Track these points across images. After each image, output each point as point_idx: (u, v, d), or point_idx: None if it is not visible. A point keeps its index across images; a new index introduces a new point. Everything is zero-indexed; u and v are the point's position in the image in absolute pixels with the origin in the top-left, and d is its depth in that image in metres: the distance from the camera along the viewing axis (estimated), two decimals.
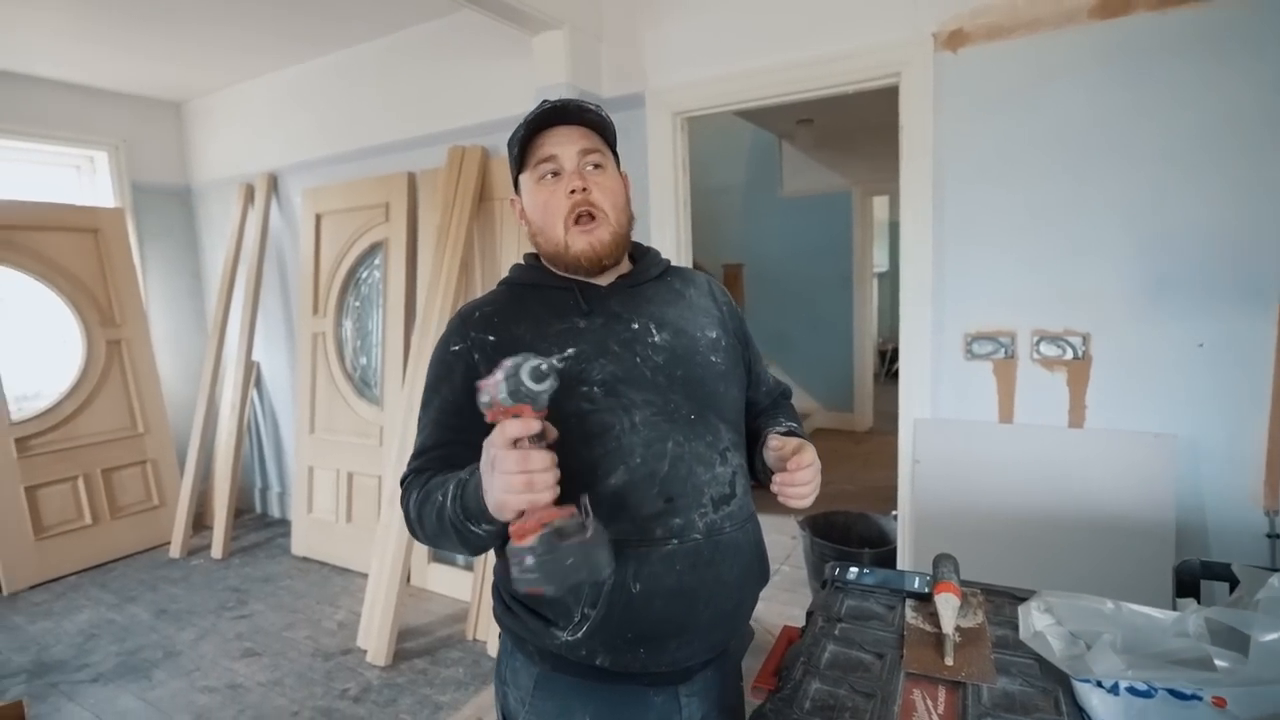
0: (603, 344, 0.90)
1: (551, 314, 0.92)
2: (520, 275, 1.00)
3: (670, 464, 0.87)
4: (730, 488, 0.93)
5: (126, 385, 3.61)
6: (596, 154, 0.93)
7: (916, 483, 2.04)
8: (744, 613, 0.98)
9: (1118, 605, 0.80)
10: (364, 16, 2.85)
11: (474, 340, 0.91)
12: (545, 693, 0.91)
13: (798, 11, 2.11)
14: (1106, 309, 1.79)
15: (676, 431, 0.89)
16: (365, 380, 3.34)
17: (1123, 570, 1.69)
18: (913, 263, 2.03)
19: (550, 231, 0.92)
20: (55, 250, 3.38)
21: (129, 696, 2.30)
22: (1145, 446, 1.73)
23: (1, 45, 3.00)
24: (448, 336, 0.94)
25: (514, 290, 0.98)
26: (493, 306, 0.95)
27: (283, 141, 3.58)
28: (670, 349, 0.92)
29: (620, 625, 0.85)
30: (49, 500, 3.28)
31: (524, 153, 0.94)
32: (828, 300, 5.53)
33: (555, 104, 0.91)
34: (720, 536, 0.90)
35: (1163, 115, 1.69)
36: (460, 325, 0.94)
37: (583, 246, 0.91)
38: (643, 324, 0.93)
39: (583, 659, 0.87)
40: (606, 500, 0.84)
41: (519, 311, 0.93)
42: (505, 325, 0.92)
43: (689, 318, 0.98)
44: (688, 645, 0.89)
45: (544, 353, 0.83)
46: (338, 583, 3.14)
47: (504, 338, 0.91)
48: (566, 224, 0.90)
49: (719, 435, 0.93)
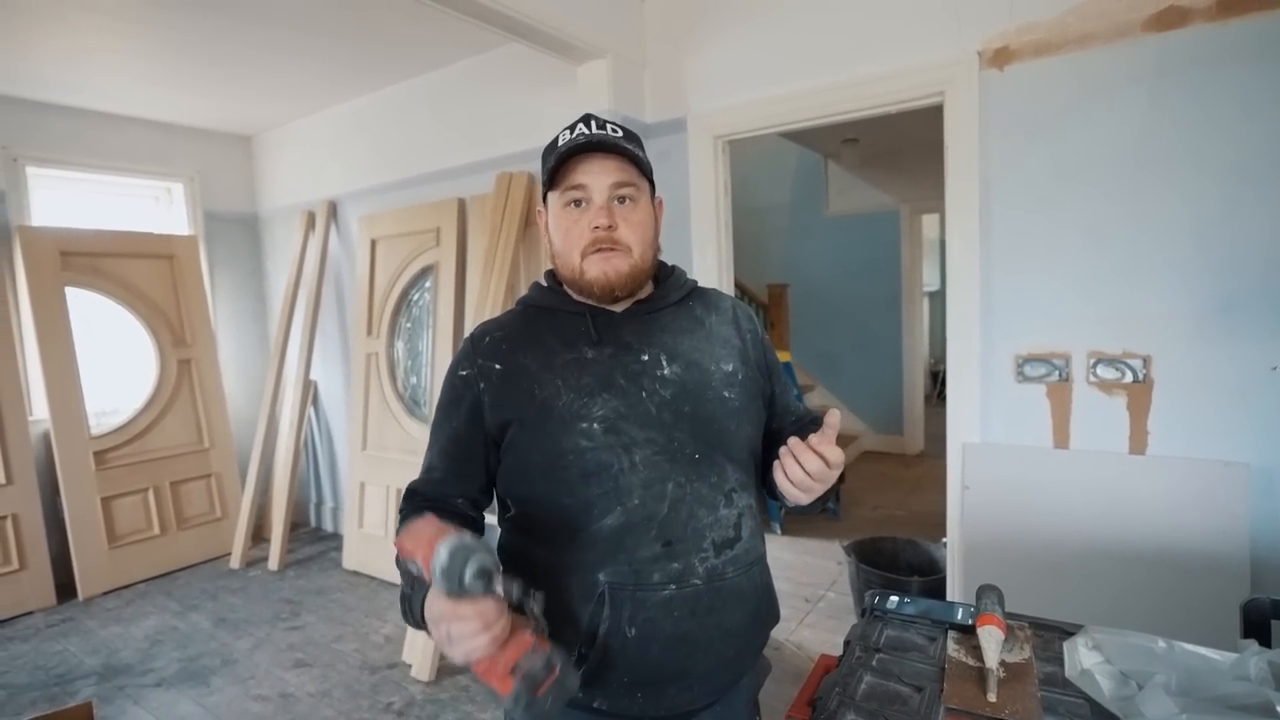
0: (609, 377, 0.87)
1: (560, 342, 0.91)
2: (536, 297, 0.98)
3: (670, 506, 0.84)
4: (735, 530, 0.89)
5: (195, 402, 3.82)
6: (629, 187, 0.90)
7: (966, 510, 1.98)
8: (748, 656, 0.95)
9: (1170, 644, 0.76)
10: (418, 52, 2.99)
11: (480, 368, 0.91)
12: None
13: (839, 33, 2.11)
14: (1169, 330, 1.71)
15: (678, 472, 0.85)
16: (415, 399, 3.44)
17: (1189, 608, 1.59)
18: (960, 283, 1.98)
19: (568, 256, 0.90)
20: (135, 275, 3.62)
21: (188, 702, 2.40)
22: (1214, 475, 1.64)
23: (91, 88, 3.26)
24: (459, 360, 0.94)
25: (528, 313, 0.97)
26: (503, 331, 0.94)
27: (342, 170, 3.76)
28: (680, 383, 0.89)
29: (617, 670, 0.83)
30: (122, 511, 3.47)
31: (555, 171, 0.91)
32: (876, 320, 5.43)
33: (591, 136, 0.88)
34: (722, 582, 0.86)
35: (1231, 127, 1.61)
36: (470, 350, 0.93)
37: (597, 274, 0.88)
38: (653, 355, 0.90)
39: (580, 701, 0.85)
40: (602, 541, 0.83)
41: (529, 338, 0.92)
42: (513, 353, 0.91)
43: (704, 349, 0.94)
44: (688, 691, 0.87)
45: (549, 386, 0.87)
46: (386, 596, 3.22)
47: (510, 366, 0.90)
48: (584, 252, 0.88)
49: (725, 475, 0.89)
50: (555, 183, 0.91)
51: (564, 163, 0.89)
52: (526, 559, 0.89)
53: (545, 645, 0.72)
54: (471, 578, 0.68)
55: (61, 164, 3.51)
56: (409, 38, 2.83)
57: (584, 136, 0.88)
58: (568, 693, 0.72)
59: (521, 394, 0.88)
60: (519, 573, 0.87)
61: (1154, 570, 1.67)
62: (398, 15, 2.59)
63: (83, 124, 3.54)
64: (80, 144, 3.55)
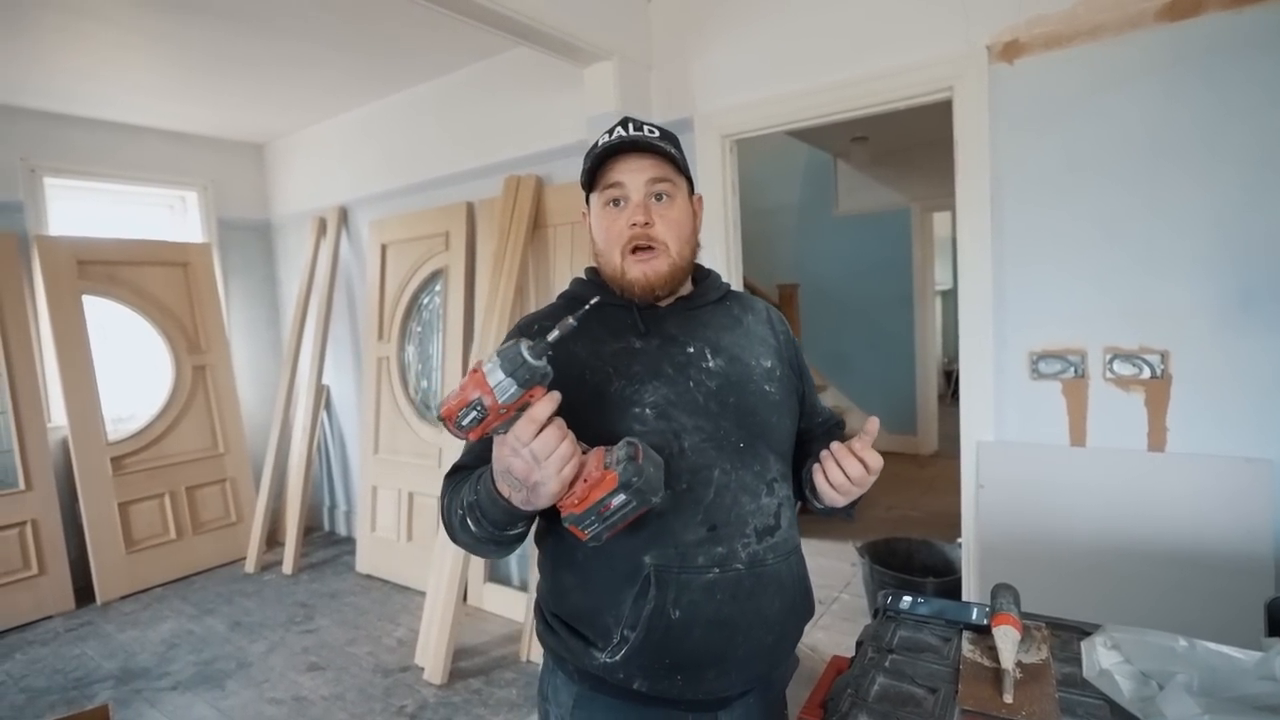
0: (657, 366, 0.90)
1: (609, 333, 0.93)
2: (581, 291, 1.00)
3: (716, 491, 0.87)
4: (775, 519, 0.92)
5: (210, 408, 3.85)
6: (666, 183, 0.92)
7: (980, 509, 1.95)
8: (785, 646, 0.96)
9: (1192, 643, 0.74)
10: (425, 58, 3.00)
11: None
12: (584, 713, 0.91)
13: (846, 29, 2.09)
14: (1187, 324, 1.68)
15: (724, 459, 0.88)
16: (426, 403, 3.45)
17: (1211, 608, 1.56)
18: (972, 280, 1.96)
19: (609, 256, 0.93)
20: (150, 283, 3.67)
21: (204, 705, 2.42)
22: (1236, 472, 1.60)
23: (107, 99, 3.31)
24: None
25: (571, 306, 0.97)
26: (551, 321, 0.91)
27: (352, 177, 3.79)
28: (724, 375, 0.92)
29: (658, 651, 0.85)
30: (139, 516, 3.51)
31: (594, 172, 0.94)
32: (887, 320, 5.39)
33: (627, 137, 0.91)
34: (763, 568, 0.89)
35: (1250, 115, 1.58)
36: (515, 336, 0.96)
37: (637, 275, 0.91)
38: (698, 348, 0.93)
39: (620, 682, 0.87)
40: (649, 524, 0.84)
41: (577, 328, 0.93)
42: (563, 341, 0.91)
43: (745, 345, 0.97)
44: (725, 676, 0.88)
45: (600, 373, 0.90)
46: (398, 600, 3.23)
47: (559, 353, 0.90)
48: (624, 252, 0.91)
49: (767, 465, 0.92)
50: (595, 183, 0.94)
51: (602, 163, 0.92)
52: (568, 541, 0.89)
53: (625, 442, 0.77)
54: (532, 355, 0.69)
55: (78, 174, 3.57)
56: (416, 45, 2.85)
57: (620, 137, 0.91)
58: (661, 477, 0.74)
59: (572, 380, 0.88)
60: (561, 556, 0.92)
61: (1174, 569, 1.64)
62: (406, 23, 2.61)
63: (99, 135, 3.59)
64: (97, 154, 3.60)
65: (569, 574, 0.91)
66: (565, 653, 0.91)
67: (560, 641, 0.92)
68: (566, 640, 0.90)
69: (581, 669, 0.90)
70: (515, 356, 0.68)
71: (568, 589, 0.92)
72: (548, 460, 0.70)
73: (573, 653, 0.90)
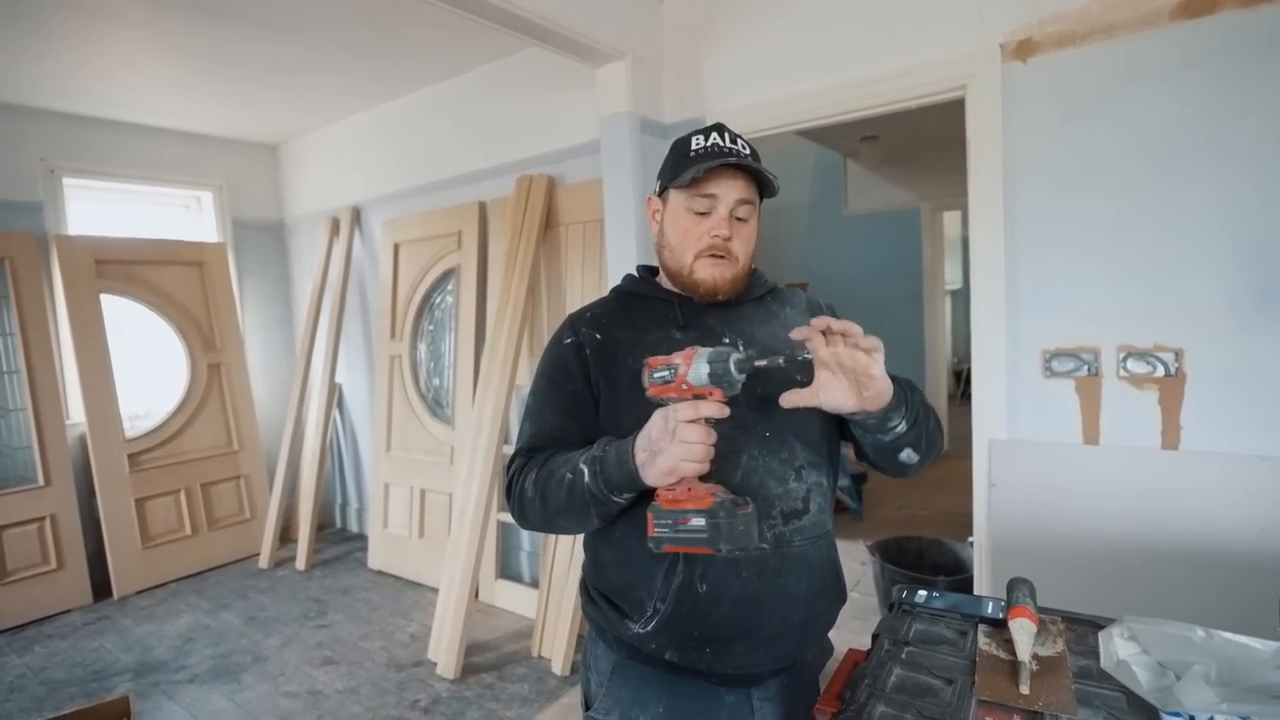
0: None
1: (651, 324, 1.00)
2: (629, 285, 1.08)
3: (742, 475, 0.92)
4: (803, 504, 0.96)
5: (224, 406, 3.90)
6: (749, 205, 0.97)
7: (993, 507, 1.95)
8: (815, 628, 1.00)
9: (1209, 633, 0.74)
10: (439, 58, 3.03)
11: (584, 336, 1.00)
12: (621, 679, 0.98)
13: (859, 28, 2.10)
14: (1201, 322, 1.68)
15: (751, 445, 0.93)
16: (438, 401, 3.48)
17: (1226, 605, 1.55)
18: (984, 278, 1.96)
19: (681, 254, 0.98)
20: (166, 282, 3.71)
21: (220, 698, 2.45)
22: (1251, 471, 1.60)
23: (125, 101, 3.36)
24: (560, 333, 1.03)
25: (621, 299, 1.07)
26: (601, 309, 1.05)
27: (365, 176, 3.82)
28: None
29: (687, 623, 0.90)
30: (155, 512, 3.55)
31: (682, 171, 0.96)
32: (897, 319, 5.38)
33: (728, 152, 0.94)
34: (788, 549, 0.93)
35: (1265, 115, 1.57)
36: (571, 323, 1.03)
37: (705, 276, 0.97)
38: (732, 340, 0.99)
39: (653, 651, 0.93)
40: None
41: (623, 318, 1.02)
42: (610, 328, 1.00)
43: (780, 337, 1.03)
44: (753, 652, 0.92)
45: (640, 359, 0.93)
46: (410, 596, 3.26)
47: (607, 339, 0.99)
48: (698, 254, 0.96)
49: (794, 453, 0.96)
50: (681, 181, 0.96)
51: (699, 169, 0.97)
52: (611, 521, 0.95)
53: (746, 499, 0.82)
54: (736, 368, 0.78)
55: (96, 174, 3.62)
56: (430, 47, 2.87)
57: (721, 149, 0.95)
58: (750, 538, 0.78)
59: (617, 363, 0.96)
60: (602, 534, 1.00)
61: (1189, 567, 1.64)
62: (419, 25, 2.63)
63: (116, 136, 3.64)
64: (114, 155, 3.65)
65: (607, 550, 0.99)
66: (604, 623, 0.99)
67: (600, 613, 0.99)
68: (606, 612, 0.98)
69: (619, 638, 0.97)
70: (722, 358, 0.78)
71: (606, 564, 1.00)
72: (681, 442, 0.77)
73: (610, 624, 0.97)
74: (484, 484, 2.67)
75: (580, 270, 2.78)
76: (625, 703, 0.97)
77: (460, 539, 2.67)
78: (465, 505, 2.71)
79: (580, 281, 2.78)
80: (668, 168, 1.00)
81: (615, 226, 2.41)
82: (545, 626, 2.64)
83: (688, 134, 1.00)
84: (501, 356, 2.78)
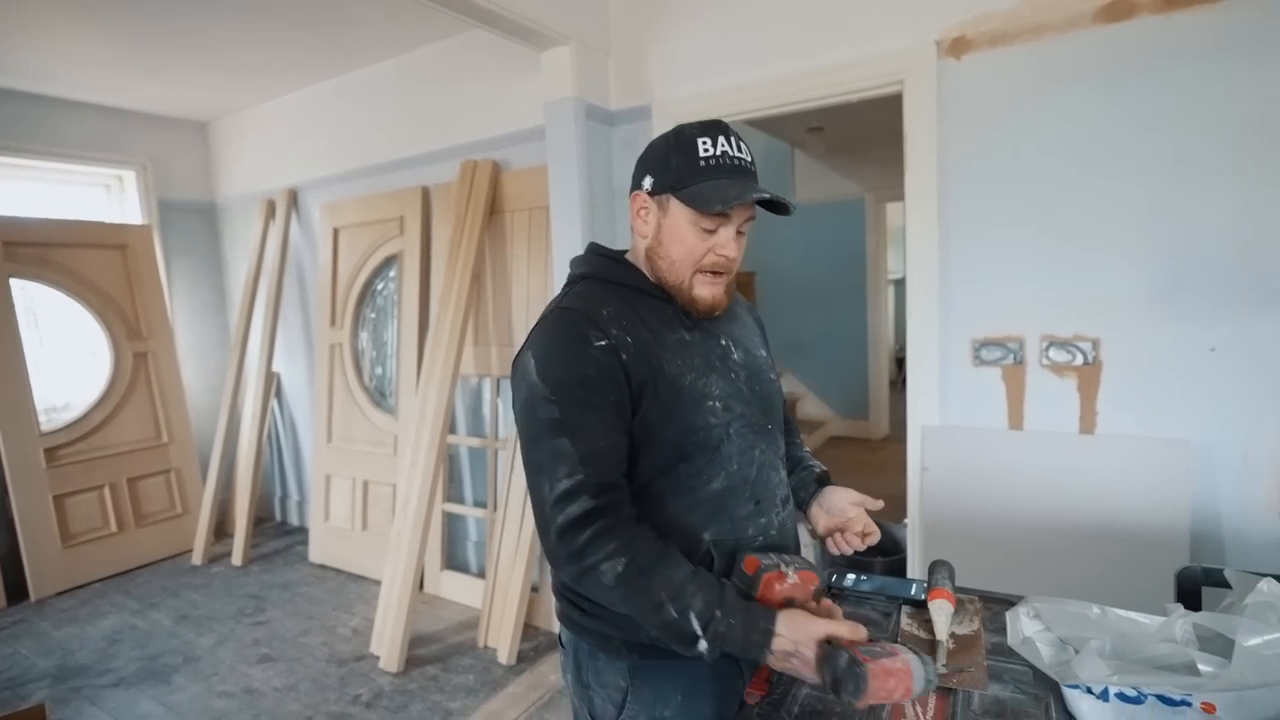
0: (709, 359, 0.96)
1: (660, 323, 0.94)
2: (614, 274, 0.98)
3: (757, 469, 0.96)
4: (788, 489, 1.05)
5: (152, 397, 3.71)
6: (751, 222, 0.95)
7: (925, 490, 2.03)
8: None
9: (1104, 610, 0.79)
10: (379, 37, 2.92)
11: (616, 337, 0.88)
12: (642, 681, 0.95)
13: (801, 21, 2.12)
14: (1117, 314, 1.77)
15: (760, 441, 0.98)
16: (381, 390, 3.39)
17: (1134, 578, 1.66)
18: (919, 269, 2.02)
19: (679, 267, 0.93)
20: (85, 266, 3.50)
21: (149, 701, 2.35)
22: (1157, 453, 1.71)
23: (34, 70, 3.12)
24: (583, 335, 0.87)
25: (621, 292, 0.96)
26: (613, 307, 0.92)
27: (302, 158, 3.67)
28: (746, 366, 1.00)
29: None
30: (76, 509, 3.37)
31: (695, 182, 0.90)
32: (842, 308, 5.51)
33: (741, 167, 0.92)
34: (786, 531, 1.01)
35: (1177, 118, 1.66)
36: (591, 321, 0.89)
37: (705, 294, 0.94)
38: (727, 341, 1.01)
39: None
40: (707, 503, 0.92)
41: (634, 315, 0.93)
42: (633, 328, 0.91)
43: (751, 338, 1.07)
44: None
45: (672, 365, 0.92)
46: (353, 589, 3.19)
47: (636, 339, 0.90)
48: (698, 268, 0.93)
49: (778, 443, 1.04)
50: (687, 192, 0.90)
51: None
52: None
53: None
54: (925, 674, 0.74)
55: (5, 151, 3.36)
56: (371, 24, 2.77)
57: (735, 162, 0.91)
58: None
59: (651, 367, 0.89)
60: None
61: (1102, 544, 1.74)
62: (360, 1, 2.53)
63: (27, 109, 3.39)
64: (24, 130, 3.39)
65: None
66: (612, 630, 0.93)
67: (605, 622, 0.93)
68: (613, 619, 0.91)
69: (633, 641, 0.92)
70: (927, 673, 0.73)
71: None
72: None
73: (621, 629, 0.91)
74: (428, 474, 2.62)
75: (526, 257, 2.75)
76: (649, 703, 0.94)
77: (404, 530, 2.62)
78: (409, 496, 2.66)
79: (526, 268, 2.74)
80: (670, 168, 0.92)
81: (561, 213, 2.38)
82: (492, 616, 2.63)
83: (688, 130, 0.93)
84: (446, 344, 2.72)
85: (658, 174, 0.93)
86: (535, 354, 0.89)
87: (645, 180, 0.94)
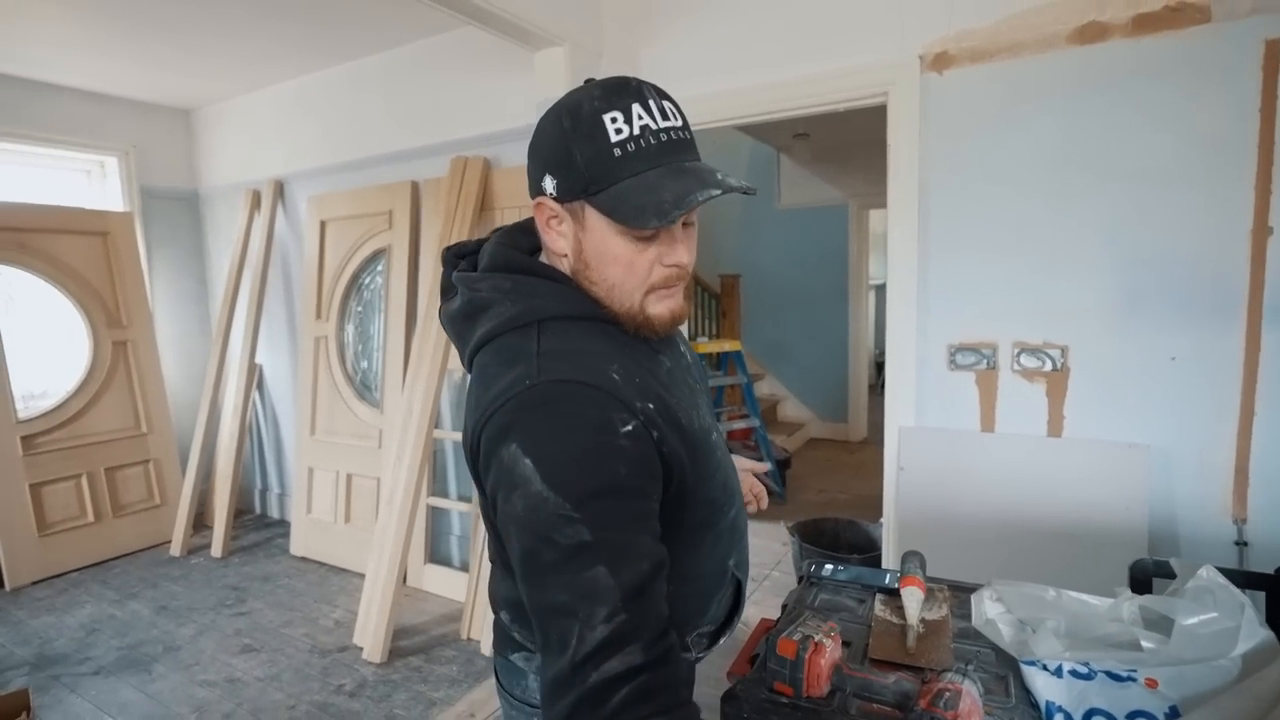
0: (688, 384, 0.84)
1: (643, 356, 0.77)
2: (578, 307, 0.75)
3: (731, 474, 0.91)
4: None
5: (131, 386, 3.68)
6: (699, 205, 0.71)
7: (900, 489, 2.10)
8: None
9: (1059, 593, 0.86)
10: (370, 30, 2.93)
11: (643, 412, 0.69)
12: None
13: (791, 30, 2.18)
14: (1084, 323, 1.86)
15: (731, 470, 0.92)
16: (366, 384, 3.40)
17: (1094, 573, 1.74)
18: (899, 276, 2.09)
19: (622, 292, 0.73)
20: (65, 252, 3.46)
21: (129, 689, 2.35)
22: (1119, 456, 1.79)
23: (16, 53, 3.09)
24: (603, 420, 0.67)
25: (597, 330, 0.75)
26: (617, 362, 0.72)
27: (290, 149, 3.66)
28: (697, 378, 0.92)
29: (722, 630, 0.95)
30: (53, 498, 3.33)
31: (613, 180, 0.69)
32: (824, 312, 5.60)
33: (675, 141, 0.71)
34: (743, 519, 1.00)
35: (1140, 137, 1.75)
36: (612, 402, 0.68)
37: (662, 312, 0.75)
38: (682, 358, 0.89)
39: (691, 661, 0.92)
40: (726, 533, 0.88)
41: (632, 362, 0.74)
42: (645, 385, 0.73)
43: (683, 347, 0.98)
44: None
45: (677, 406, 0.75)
46: (335, 582, 3.19)
47: (656, 403, 0.71)
48: (649, 288, 0.74)
49: None
50: (598, 193, 0.69)
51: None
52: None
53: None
54: None
55: None
56: (361, 17, 2.78)
57: (664, 136, 0.70)
58: None
59: (679, 428, 0.73)
60: None
61: (1066, 541, 1.82)
62: None
63: (6, 91, 3.34)
64: (3, 113, 3.34)
65: None
66: None
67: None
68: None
69: None
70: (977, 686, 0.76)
71: None
72: None
73: None
74: (414, 468, 2.65)
75: None
76: None
77: (388, 524, 2.64)
78: (394, 490, 2.68)
79: None
80: (574, 167, 0.69)
81: None
82: (475, 609, 2.66)
83: (587, 104, 0.69)
84: (434, 340, 2.75)
85: (560, 174, 0.71)
86: (532, 452, 0.64)
87: (546, 182, 0.72)
